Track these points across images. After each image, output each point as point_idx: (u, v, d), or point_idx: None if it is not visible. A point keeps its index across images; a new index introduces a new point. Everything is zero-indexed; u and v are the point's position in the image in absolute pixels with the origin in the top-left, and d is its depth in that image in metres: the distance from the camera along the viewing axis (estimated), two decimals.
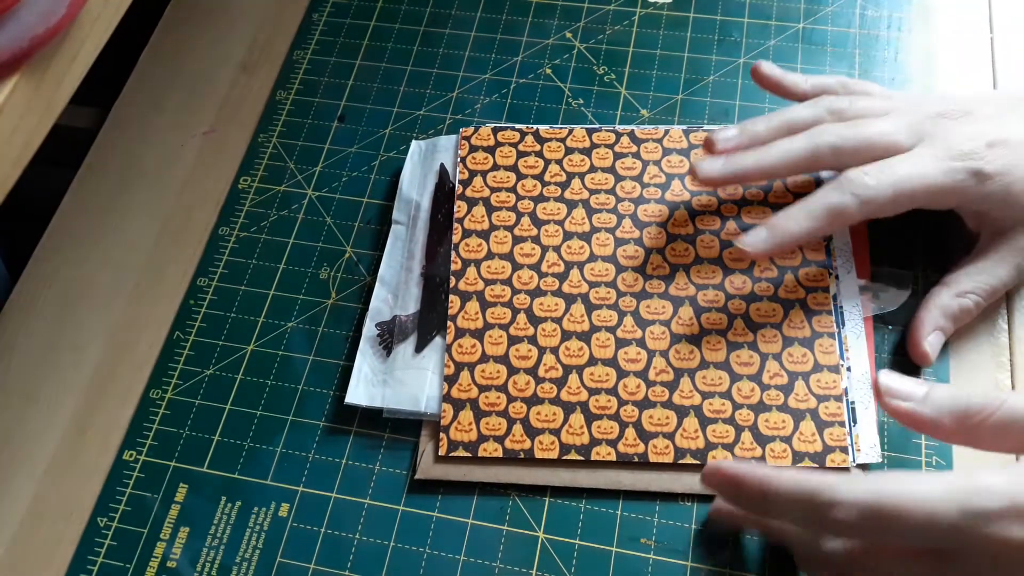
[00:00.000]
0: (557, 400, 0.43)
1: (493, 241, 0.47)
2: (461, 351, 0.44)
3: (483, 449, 0.42)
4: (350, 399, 0.44)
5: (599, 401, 0.43)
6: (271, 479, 0.44)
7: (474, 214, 0.48)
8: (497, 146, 0.50)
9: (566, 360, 0.44)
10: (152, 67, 0.58)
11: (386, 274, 0.47)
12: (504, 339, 0.45)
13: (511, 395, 0.43)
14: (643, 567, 0.40)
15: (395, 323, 0.46)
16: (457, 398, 0.43)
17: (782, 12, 0.56)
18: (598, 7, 0.57)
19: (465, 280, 0.46)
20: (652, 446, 0.42)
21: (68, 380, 0.47)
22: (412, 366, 0.44)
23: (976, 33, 0.54)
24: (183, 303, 0.49)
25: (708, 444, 0.41)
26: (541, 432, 0.42)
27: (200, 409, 0.46)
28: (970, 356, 0.44)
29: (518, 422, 0.43)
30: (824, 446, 0.41)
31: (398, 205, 0.50)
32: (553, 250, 0.47)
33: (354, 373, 0.45)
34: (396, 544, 0.42)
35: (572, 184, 0.48)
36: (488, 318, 0.45)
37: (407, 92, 0.55)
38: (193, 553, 0.42)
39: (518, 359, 0.44)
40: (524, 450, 0.42)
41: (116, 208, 0.53)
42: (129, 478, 0.44)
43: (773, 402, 0.42)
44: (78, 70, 0.38)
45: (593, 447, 0.42)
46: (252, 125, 0.55)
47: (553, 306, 0.45)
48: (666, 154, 0.49)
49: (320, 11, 0.59)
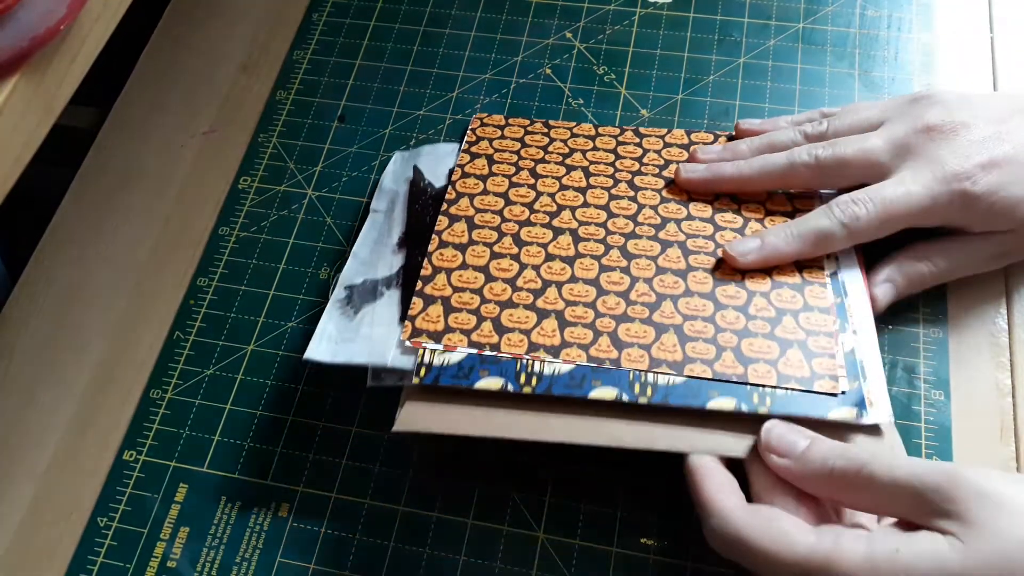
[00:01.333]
0: (532, 306, 0.42)
1: (490, 183, 0.47)
2: (441, 258, 0.44)
3: (447, 339, 0.41)
4: (310, 355, 0.42)
5: (575, 312, 0.42)
6: (271, 479, 0.44)
7: (476, 163, 0.48)
8: (506, 126, 0.51)
9: (547, 276, 0.43)
10: (152, 67, 0.58)
11: (359, 251, 0.47)
12: (487, 254, 0.44)
13: (485, 298, 0.42)
14: (643, 567, 0.40)
15: (364, 285, 0.45)
16: (429, 294, 0.43)
17: (782, 12, 0.56)
18: (598, 7, 0.57)
19: (456, 206, 0.46)
20: (626, 354, 0.40)
21: (68, 380, 0.47)
22: (380, 324, 0.43)
23: (976, 33, 0.54)
24: (183, 303, 0.49)
25: (686, 358, 0.40)
26: (511, 331, 0.41)
27: (200, 409, 0.46)
28: (970, 356, 0.44)
29: (488, 320, 0.42)
30: (812, 372, 0.39)
31: (377, 196, 0.49)
32: (548, 195, 0.47)
33: (317, 331, 0.43)
34: (396, 544, 0.42)
35: (574, 155, 0.49)
36: (473, 236, 0.45)
37: (407, 92, 0.55)
38: (193, 553, 0.42)
39: (498, 270, 0.43)
40: (491, 344, 0.41)
41: (116, 208, 0.53)
42: (129, 478, 0.44)
43: (759, 330, 0.41)
44: (78, 70, 0.38)
45: (563, 348, 0.40)
46: (252, 125, 0.55)
47: (540, 235, 0.45)
48: (667, 146, 0.49)
49: (320, 11, 0.59)
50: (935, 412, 0.43)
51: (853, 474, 0.34)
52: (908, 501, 0.33)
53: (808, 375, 0.39)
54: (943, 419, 0.42)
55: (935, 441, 0.42)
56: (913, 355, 0.44)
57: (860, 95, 0.52)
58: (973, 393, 0.43)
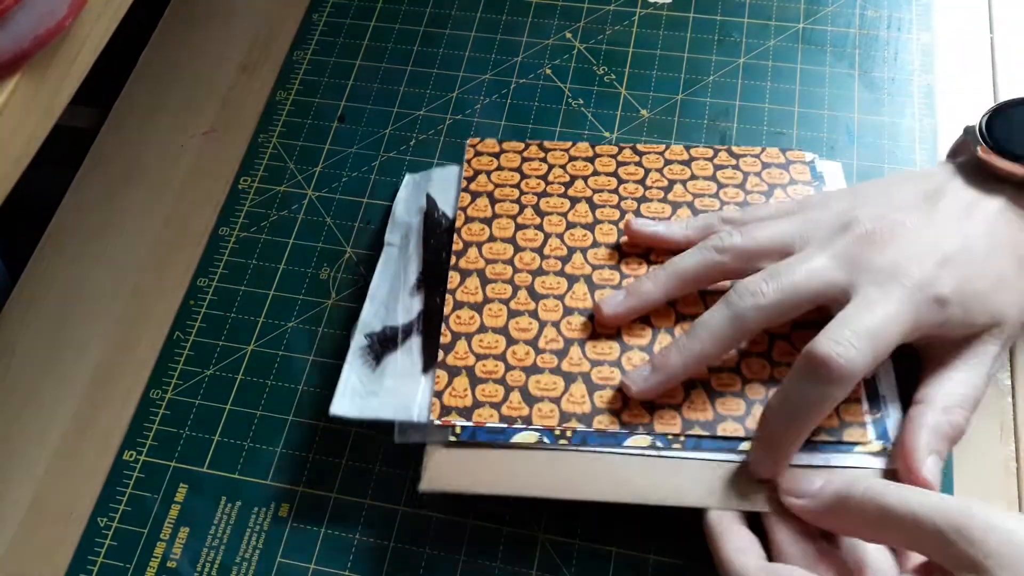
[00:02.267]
0: (558, 370, 0.42)
1: (496, 227, 0.47)
2: (459, 322, 0.43)
3: (478, 415, 0.41)
4: (335, 410, 0.42)
5: (601, 372, 0.42)
6: (271, 479, 0.44)
7: (477, 204, 0.48)
8: (502, 152, 0.50)
9: (567, 333, 0.43)
10: (152, 67, 0.58)
11: (376, 292, 0.46)
12: (504, 312, 0.44)
13: (509, 364, 0.42)
14: (643, 567, 0.40)
15: (384, 333, 0.44)
16: (452, 365, 0.42)
17: (782, 12, 0.56)
18: (598, 7, 0.57)
19: (466, 259, 0.45)
20: (658, 416, 0.40)
21: (68, 380, 0.48)
22: (403, 374, 0.42)
23: (976, 33, 0.54)
24: (183, 303, 0.49)
25: (717, 416, 0.40)
26: (540, 400, 0.41)
27: (200, 409, 0.46)
28: None
29: (516, 390, 0.41)
30: (840, 422, 0.39)
31: (391, 228, 0.48)
32: (556, 236, 0.46)
33: (340, 384, 0.42)
34: (396, 544, 0.42)
35: (575, 184, 0.48)
36: (488, 293, 0.44)
37: (407, 92, 0.55)
38: (193, 553, 0.42)
39: (518, 331, 0.43)
40: (522, 417, 0.41)
41: (116, 208, 0.53)
42: (129, 478, 0.44)
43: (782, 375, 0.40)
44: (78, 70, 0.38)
45: (595, 416, 0.40)
46: (252, 125, 0.55)
47: (555, 284, 0.44)
48: (667, 164, 0.48)
49: (320, 11, 0.59)
50: None
51: (870, 505, 0.33)
52: (930, 541, 0.32)
53: (836, 425, 0.39)
54: None
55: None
56: (913, 355, 0.44)
57: (860, 95, 0.52)
58: None
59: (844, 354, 0.35)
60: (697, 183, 0.47)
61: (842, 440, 0.39)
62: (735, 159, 0.48)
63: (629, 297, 0.42)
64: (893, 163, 0.50)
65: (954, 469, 0.41)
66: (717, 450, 0.39)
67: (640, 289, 0.42)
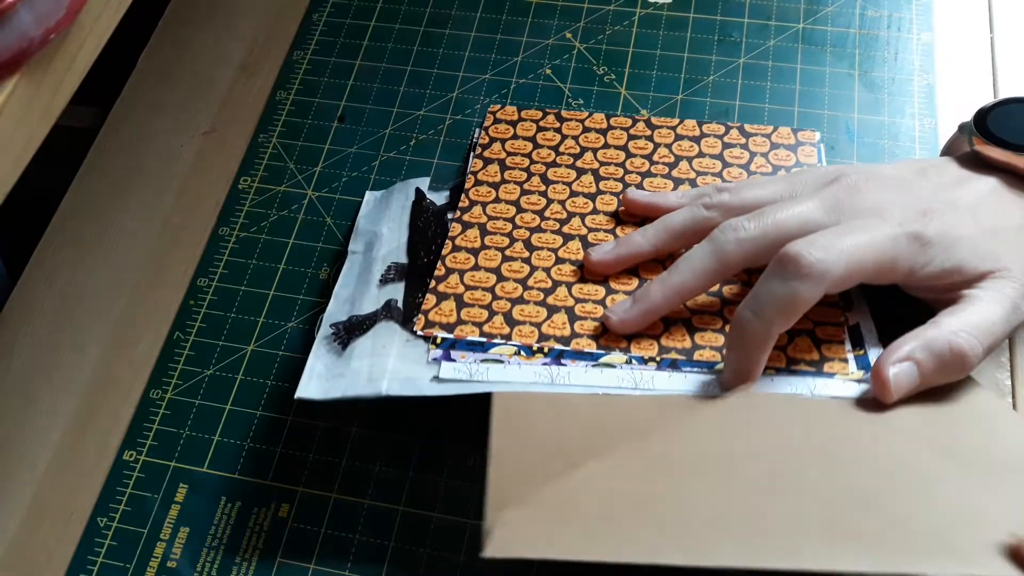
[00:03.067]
0: (543, 303, 0.43)
1: (502, 191, 0.48)
2: (455, 260, 0.45)
3: (459, 331, 0.42)
4: (301, 393, 0.41)
5: (585, 308, 0.43)
6: (271, 479, 0.44)
7: (488, 170, 0.49)
8: (520, 121, 0.51)
9: (557, 277, 0.44)
10: (152, 67, 0.58)
11: (341, 291, 0.46)
12: (499, 257, 0.45)
13: (497, 295, 0.44)
14: (643, 567, 0.40)
15: (351, 321, 0.44)
16: (442, 292, 0.44)
17: (782, 12, 0.56)
18: (598, 7, 0.57)
19: (470, 214, 0.47)
20: (636, 343, 0.41)
21: (68, 380, 0.47)
22: (371, 354, 0.42)
23: (976, 33, 0.54)
24: (183, 303, 0.49)
25: (695, 345, 0.41)
26: (522, 323, 0.42)
27: (200, 409, 0.46)
28: None
29: (500, 314, 0.43)
30: (821, 356, 0.40)
31: (354, 238, 0.49)
32: (558, 203, 0.47)
33: (306, 370, 0.42)
34: (396, 544, 0.42)
35: (584, 156, 0.49)
36: (486, 241, 0.46)
37: (407, 92, 0.55)
38: (193, 553, 0.42)
39: (509, 271, 0.45)
40: (502, 335, 0.42)
41: (116, 208, 0.53)
42: (129, 478, 0.44)
43: None
44: (78, 70, 0.38)
45: (573, 339, 0.42)
46: (252, 125, 0.55)
47: (551, 240, 0.46)
48: (678, 139, 0.49)
49: (320, 11, 0.59)
50: None
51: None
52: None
53: (818, 358, 0.40)
54: None
55: None
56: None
57: (860, 95, 0.52)
58: None
59: (815, 254, 0.35)
60: (703, 161, 0.48)
61: (822, 370, 0.40)
62: (745, 138, 0.49)
63: (618, 247, 0.43)
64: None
65: None
66: (693, 371, 0.40)
67: (629, 240, 0.43)
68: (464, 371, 0.40)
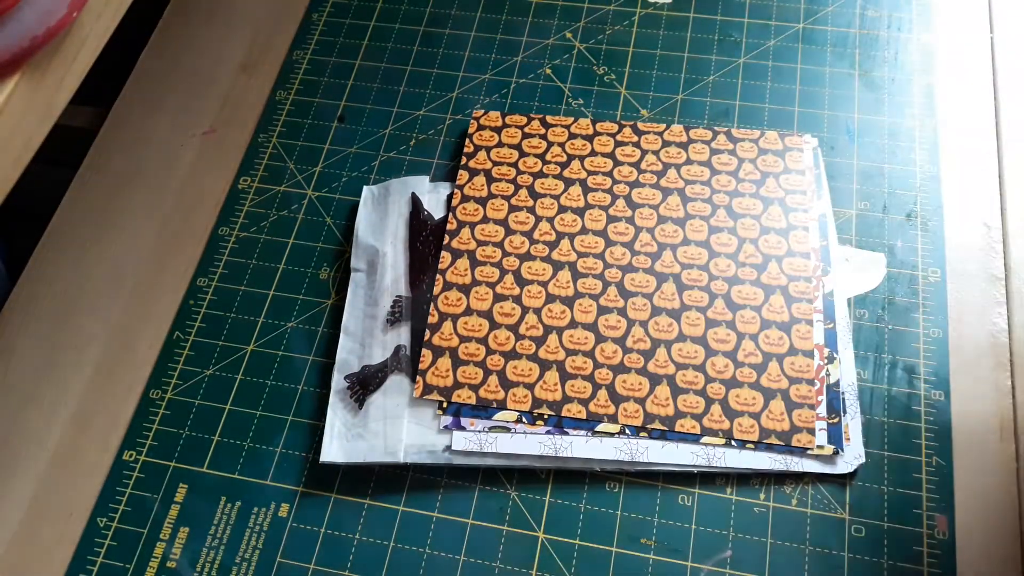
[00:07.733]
0: (535, 357, 0.44)
1: (490, 208, 0.48)
2: (447, 303, 0.46)
3: (456, 395, 0.43)
4: (325, 457, 0.43)
5: (575, 362, 0.44)
6: (271, 479, 0.44)
7: (474, 183, 0.49)
8: (504, 127, 0.51)
9: (548, 321, 0.45)
10: (152, 67, 0.58)
11: (350, 324, 0.46)
12: (490, 296, 0.46)
13: (490, 348, 0.44)
14: (643, 567, 0.40)
15: (364, 374, 0.45)
16: (437, 345, 0.45)
17: (782, 12, 0.56)
18: (598, 7, 0.57)
19: (459, 239, 0.47)
20: (623, 409, 0.42)
21: (68, 380, 0.47)
22: (386, 416, 0.44)
23: (976, 33, 0.54)
24: (183, 303, 0.49)
25: (678, 412, 0.42)
26: (516, 385, 0.43)
27: (200, 409, 0.46)
28: (970, 356, 0.44)
29: (494, 373, 0.44)
30: (791, 426, 0.41)
31: (356, 253, 0.49)
32: (547, 220, 0.48)
33: (326, 430, 0.43)
34: (396, 544, 0.42)
35: (572, 165, 0.49)
36: (476, 275, 0.46)
37: (407, 92, 0.55)
38: (193, 553, 0.42)
39: (501, 315, 0.45)
40: (497, 400, 0.43)
41: (116, 208, 0.53)
42: (129, 478, 0.44)
43: (746, 379, 0.43)
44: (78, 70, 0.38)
45: (565, 404, 0.43)
46: (252, 125, 0.55)
47: (541, 271, 0.46)
48: (665, 145, 0.50)
49: (320, 11, 0.59)
50: (935, 412, 0.43)
51: None
52: None
53: (787, 428, 0.42)
54: (943, 419, 0.42)
55: (935, 441, 0.42)
56: (913, 355, 0.44)
57: (860, 95, 0.52)
58: (973, 393, 0.43)
59: None
60: (692, 168, 0.49)
61: (790, 443, 0.41)
62: (733, 143, 0.49)
63: None
64: (893, 163, 0.50)
65: (954, 469, 0.41)
66: (680, 442, 0.42)
67: None
68: (475, 441, 0.42)
